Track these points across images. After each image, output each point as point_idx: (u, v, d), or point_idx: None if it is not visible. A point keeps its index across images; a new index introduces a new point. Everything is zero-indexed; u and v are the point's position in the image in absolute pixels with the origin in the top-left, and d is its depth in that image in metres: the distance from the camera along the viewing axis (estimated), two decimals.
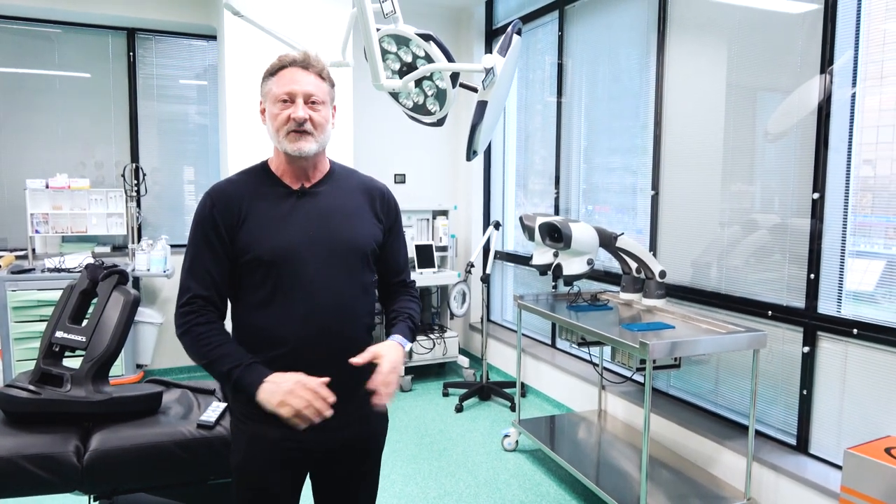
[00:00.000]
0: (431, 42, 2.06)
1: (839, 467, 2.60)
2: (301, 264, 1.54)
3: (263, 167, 1.66)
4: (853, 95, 2.60)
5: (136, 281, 4.57)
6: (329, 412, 1.45)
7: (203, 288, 1.54)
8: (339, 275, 1.59)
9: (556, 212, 4.51)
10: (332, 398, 1.46)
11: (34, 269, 4.18)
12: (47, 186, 4.43)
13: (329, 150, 1.70)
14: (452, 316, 5.04)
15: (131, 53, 4.87)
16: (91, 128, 4.85)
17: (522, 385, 4.67)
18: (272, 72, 1.58)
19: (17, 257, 4.50)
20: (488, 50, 5.37)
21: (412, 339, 1.69)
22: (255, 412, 1.52)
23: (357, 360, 1.51)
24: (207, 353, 1.50)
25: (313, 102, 1.57)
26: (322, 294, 1.55)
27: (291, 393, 1.43)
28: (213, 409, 2.41)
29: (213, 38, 5.00)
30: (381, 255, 1.71)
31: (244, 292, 1.58)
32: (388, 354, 1.53)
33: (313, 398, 1.43)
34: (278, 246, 1.54)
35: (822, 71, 2.66)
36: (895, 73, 2.48)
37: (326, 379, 1.47)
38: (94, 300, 2.44)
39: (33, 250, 4.52)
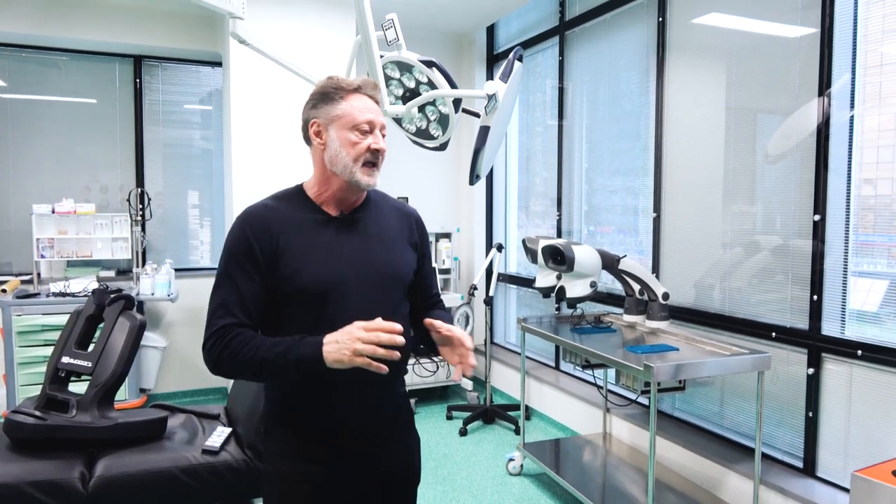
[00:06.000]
0: (434, 68, 2.10)
1: (847, 490, 2.58)
2: (345, 296, 1.45)
3: (299, 192, 1.55)
4: (852, 117, 2.63)
5: (140, 305, 4.57)
6: (400, 340, 1.32)
7: (237, 315, 1.41)
8: (384, 306, 1.48)
9: (559, 233, 4.53)
10: (397, 327, 1.33)
11: (39, 294, 4.20)
12: (53, 211, 4.47)
13: None
14: None
15: (138, 80, 4.94)
16: (97, 153, 4.90)
17: (527, 408, 4.64)
18: (339, 95, 1.48)
19: (23, 282, 4.51)
20: (490, 75, 5.43)
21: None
22: (292, 450, 1.49)
23: (438, 327, 1.48)
24: (254, 355, 1.36)
25: (383, 134, 1.52)
26: None
27: (356, 338, 1.32)
28: (218, 435, 2.41)
29: (219, 64, 5.07)
30: (415, 281, 1.63)
31: (284, 327, 1.46)
32: (458, 329, 1.51)
33: (377, 333, 1.32)
34: (321, 276, 1.44)
35: (821, 94, 2.69)
36: (894, 94, 2.51)
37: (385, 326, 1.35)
38: (101, 325, 2.45)
39: (38, 275, 4.55)
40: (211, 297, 1.45)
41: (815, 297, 2.73)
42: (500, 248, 4.69)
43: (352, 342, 1.31)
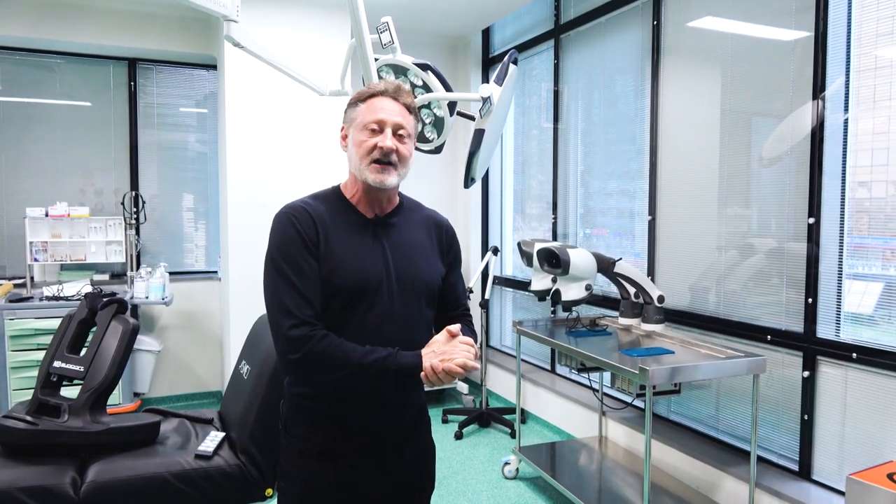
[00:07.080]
0: (429, 71, 2.10)
1: (843, 493, 2.58)
2: (377, 296, 1.49)
3: (337, 193, 1.59)
4: (846, 121, 2.64)
5: (135, 309, 4.55)
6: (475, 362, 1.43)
7: (308, 308, 1.43)
8: (410, 310, 1.54)
9: (554, 236, 4.53)
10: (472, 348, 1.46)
11: (32, 298, 4.18)
12: (47, 215, 4.44)
13: (327, 177, 1.70)
14: None
15: (132, 83, 4.92)
16: (91, 156, 4.88)
17: (522, 411, 4.64)
18: (361, 99, 1.54)
19: (16, 285, 4.49)
20: (485, 78, 5.43)
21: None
22: (312, 448, 1.51)
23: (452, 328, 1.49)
24: (350, 359, 1.40)
25: (400, 135, 1.52)
26: (394, 329, 1.50)
27: (454, 350, 1.43)
28: (212, 439, 2.40)
29: (214, 67, 5.06)
30: (442, 289, 1.65)
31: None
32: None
33: (467, 348, 1.44)
34: (357, 275, 1.47)
35: (815, 97, 2.70)
36: (888, 97, 2.52)
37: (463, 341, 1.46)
38: (93, 329, 2.44)
39: (32, 278, 4.52)
40: (271, 293, 1.45)
41: (810, 299, 2.74)
42: (495, 251, 4.69)
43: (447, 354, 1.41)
